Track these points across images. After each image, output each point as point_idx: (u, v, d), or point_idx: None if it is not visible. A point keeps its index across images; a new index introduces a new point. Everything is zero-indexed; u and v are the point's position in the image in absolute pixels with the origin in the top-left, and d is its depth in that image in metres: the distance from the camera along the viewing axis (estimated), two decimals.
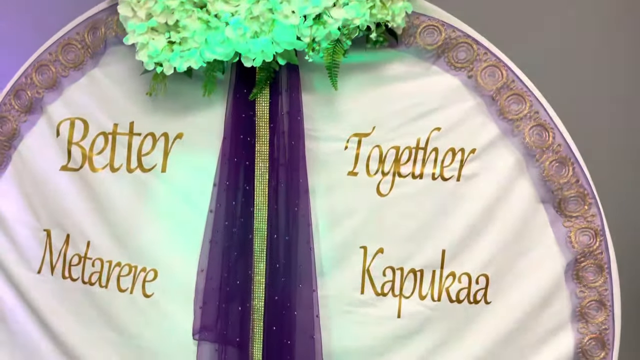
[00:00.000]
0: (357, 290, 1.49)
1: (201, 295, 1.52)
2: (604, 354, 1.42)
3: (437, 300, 1.46)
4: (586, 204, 1.39)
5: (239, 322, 1.51)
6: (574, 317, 1.43)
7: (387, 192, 1.47)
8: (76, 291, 1.57)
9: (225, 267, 1.50)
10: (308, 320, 1.48)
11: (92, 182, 1.54)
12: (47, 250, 1.58)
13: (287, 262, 1.48)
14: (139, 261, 1.54)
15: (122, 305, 1.55)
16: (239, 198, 1.49)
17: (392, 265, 1.48)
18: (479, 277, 1.44)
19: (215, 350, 1.52)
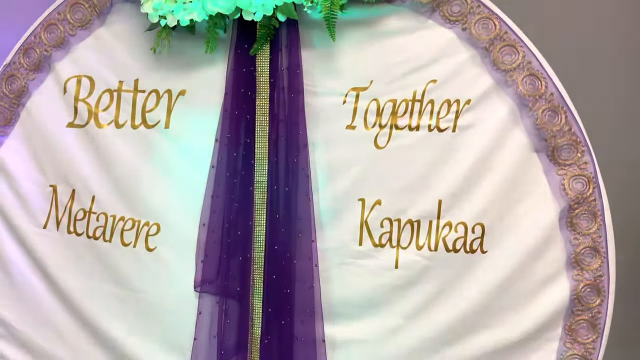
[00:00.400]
0: (355, 241, 1.52)
1: (203, 249, 1.55)
2: (600, 300, 1.44)
3: (434, 250, 1.49)
4: (579, 151, 1.41)
5: (239, 274, 1.54)
6: (569, 264, 1.45)
7: (384, 145, 1.50)
8: (81, 245, 1.61)
9: (226, 219, 1.54)
10: (307, 270, 1.51)
11: (97, 138, 1.58)
12: (53, 206, 1.62)
13: (287, 213, 1.52)
14: (142, 215, 1.58)
15: (125, 259, 1.58)
16: (240, 152, 1.53)
17: (390, 217, 1.51)
18: (475, 227, 1.47)
19: (216, 302, 1.55)
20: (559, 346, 1.47)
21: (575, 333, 1.46)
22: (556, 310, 1.46)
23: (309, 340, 1.51)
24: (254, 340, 1.52)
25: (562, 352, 1.47)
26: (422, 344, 1.51)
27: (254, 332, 1.53)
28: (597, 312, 1.44)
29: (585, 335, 1.45)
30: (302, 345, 1.51)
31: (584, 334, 1.45)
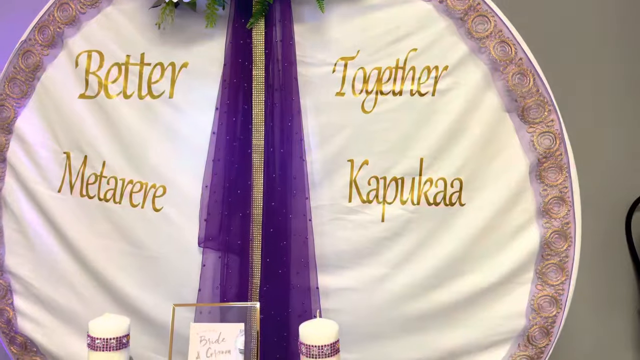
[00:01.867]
0: (345, 198, 1.66)
1: (205, 208, 1.69)
2: (567, 245, 1.58)
3: (417, 204, 1.63)
4: (546, 110, 1.56)
5: (239, 229, 1.68)
6: (539, 213, 1.60)
7: (370, 109, 1.64)
8: (93, 207, 1.74)
9: (227, 180, 1.67)
10: (302, 225, 1.65)
11: (107, 108, 1.72)
12: (67, 171, 1.75)
13: (283, 173, 1.66)
14: (149, 179, 1.71)
15: (134, 219, 1.72)
16: (239, 118, 1.67)
17: (376, 175, 1.65)
18: (453, 181, 1.62)
19: (219, 257, 1.69)
20: (531, 289, 1.62)
21: (545, 276, 1.60)
22: (527, 256, 1.61)
23: (303, 288, 1.65)
24: (254, 289, 1.66)
25: (533, 294, 1.61)
26: (407, 290, 1.65)
27: (253, 282, 1.67)
28: (565, 256, 1.59)
29: (554, 277, 1.60)
30: (297, 293, 1.65)
31: (554, 277, 1.60)
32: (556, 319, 1.60)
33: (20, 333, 1.77)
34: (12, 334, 1.77)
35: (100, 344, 1.20)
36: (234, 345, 1.23)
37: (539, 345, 1.61)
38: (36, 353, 1.78)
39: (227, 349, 1.22)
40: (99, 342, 1.20)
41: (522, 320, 1.62)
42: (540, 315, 1.61)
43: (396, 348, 1.67)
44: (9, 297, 1.78)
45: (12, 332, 1.77)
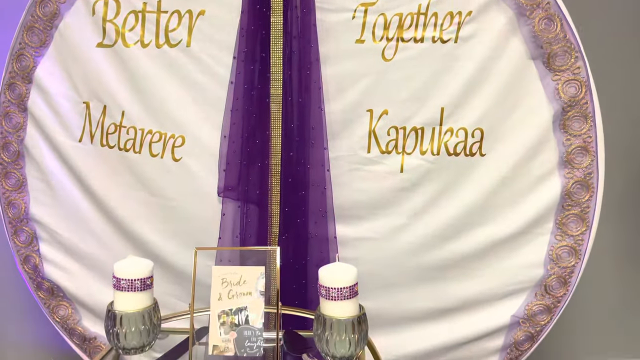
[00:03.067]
0: (364, 149, 1.65)
1: (224, 158, 1.69)
2: (589, 196, 1.56)
3: (437, 155, 1.62)
4: (573, 57, 1.51)
5: (258, 179, 1.69)
6: (561, 164, 1.57)
7: (391, 57, 1.61)
8: (113, 157, 1.75)
9: (245, 130, 1.67)
10: (320, 175, 1.65)
11: (124, 57, 1.70)
12: (87, 121, 1.76)
13: (301, 123, 1.65)
14: (168, 128, 1.71)
15: (154, 168, 1.73)
16: (257, 67, 1.65)
17: (396, 125, 1.63)
18: (474, 131, 1.59)
19: (238, 206, 1.70)
20: (550, 239, 1.61)
21: (565, 226, 1.60)
22: (547, 207, 1.60)
23: (322, 238, 1.66)
24: (273, 238, 1.68)
25: (552, 244, 1.61)
26: (424, 241, 1.66)
27: (272, 231, 1.69)
28: (586, 206, 1.57)
29: (574, 228, 1.59)
30: (315, 242, 1.66)
31: (574, 227, 1.59)
32: (575, 269, 1.60)
33: (47, 279, 1.82)
34: (38, 280, 1.83)
35: (125, 285, 1.23)
36: (255, 288, 1.25)
37: (556, 295, 1.62)
38: (62, 298, 1.84)
39: (248, 290, 1.24)
40: (124, 283, 1.23)
41: (540, 270, 1.62)
42: (558, 265, 1.61)
43: (412, 297, 1.69)
44: (34, 244, 1.83)
45: (38, 278, 1.83)
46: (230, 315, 1.24)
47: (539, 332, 1.64)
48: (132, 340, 1.23)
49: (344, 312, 1.19)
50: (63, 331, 1.86)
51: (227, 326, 1.24)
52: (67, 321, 1.84)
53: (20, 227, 1.82)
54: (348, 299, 1.19)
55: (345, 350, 1.19)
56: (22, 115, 1.79)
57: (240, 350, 1.22)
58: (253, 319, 1.24)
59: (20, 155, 1.80)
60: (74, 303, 1.84)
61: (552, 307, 1.63)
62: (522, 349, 1.67)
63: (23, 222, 1.82)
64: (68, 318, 1.84)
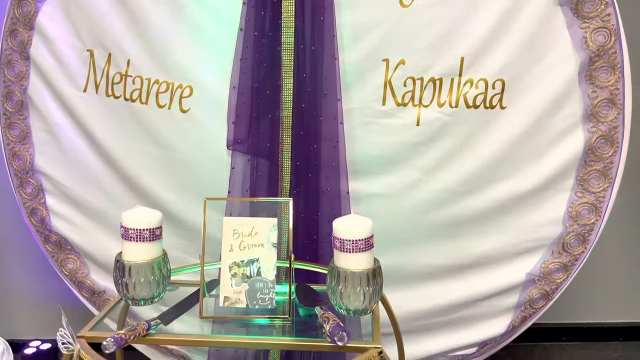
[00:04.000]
0: (378, 101, 1.59)
1: (234, 110, 1.63)
2: (613, 151, 1.50)
3: (455, 107, 1.55)
4: (602, 3, 1.43)
5: (269, 132, 1.63)
6: (585, 117, 1.51)
7: (409, 3, 1.52)
8: (119, 108, 1.70)
9: (255, 80, 1.61)
10: (332, 127, 1.59)
11: (130, 3, 1.63)
12: (91, 70, 1.70)
13: (313, 73, 1.58)
14: (175, 78, 1.65)
15: (161, 120, 1.68)
16: (267, 12, 1.57)
17: (413, 76, 1.56)
18: (495, 82, 1.52)
19: (248, 160, 1.66)
20: (570, 195, 1.56)
21: (586, 183, 1.54)
22: (569, 162, 1.54)
23: (334, 193, 1.62)
24: (284, 192, 1.64)
25: (572, 200, 1.56)
26: (439, 197, 1.61)
27: (283, 185, 1.64)
28: (609, 162, 1.52)
29: (596, 184, 1.54)
30: (327, 197, 1.62)
31: (595, 184, 1.54)
32: (594, 226, 1.56)
33: (55, 232, 1.80)
34: (46, 233, 1.81)
35: (133, 235, 1.20)
36: (267, 239, 1.22)
37: (574, 253, 1.58)
38: (71, 251, 1.82)
39: (260, 242, 1.21)
40: (132, 233, 1.20)
41: (558, 227, 1.58)
42: (577, 223, 1.56)
43: (426, 254, 1.66)
44: (41, 197, 1.80)
45: (46, 231, 1.80)
46: (241, 267, 1.21)
47: (554, 290, 1.62)
48: (142, 291, 1.21)
49: (359, 265, 1.15)
50: (72, 284, 1.85)
51: (238, 278, 1.21)
52: (75, 274, 1.83)
53: (26, 179, 1.79)
54: (363, 251, 1.15)
55: (359, 303, 1.16)
56: (25, 63, 1.73)
57: (252, 302, 1.20)
58: (265, 271, 1.21)
59: (23, 105, 1.75)
60: (82, 256, 1.83)
61: (569, 265, 1.59)
62: (536, 307, 1.64)
63: (29, 174, 1.78)
64: (76, 271, 1.83)
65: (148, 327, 1.12)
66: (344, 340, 1.06)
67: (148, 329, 1.12)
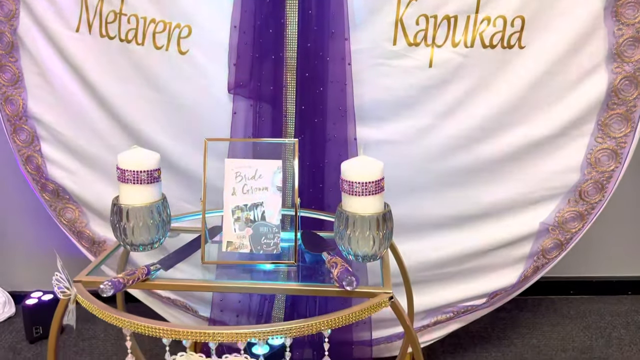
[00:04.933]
0: (389, 41, 1.49)
1: (235, 51, 1.54)
2: (637, 93, 1.42)
3: (470, 47, 1.46)
4: None
5: (272, 74, 1.54)
6: (609, 57, 1.42)
7: None
8: (114, 49, 1.61)
9: (257, 18, 1.51)
10: (340, 69, 1.50)
11: None
12: (83, 7, 1.60)
13: (320, 10, 1.48)
14: (173, 17, 1.55)
15: (159, 62, 1.58)
16: None
17: (426, 13, 1.46)
18: (514, 20, 1.42)
19: (250, 105, 1.58)
20: (589, 141, 1.49)
21: (607, 127, 1.47)
22: (590, 105, 1.46)
23: (340, 140, 1.55)
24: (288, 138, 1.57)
25: (592, 147, 1.49)
26: (452, 143, 1.54)
27: (287, 131, 1.57)
28: (632, 105, 1.43)
29: (617, 129, 1.46)
30: (334, 144, 1.55)
31: (617, 129, 1.46)
32: (613, 173, 1.49)
33: (51, 180, 1.74)
34: (42, 181, 1.75)
35: (130, 177, 1.14)
36: (272, 183, 1.16)
37: (591, 201, 1.52)
38: (69, 200, 1.77)
39: (264, 186, 1.15)
40: (128, 175, 1.13)
41: (575, 175, 1.51)
42: (596, 170, 1.49)
43: (437, 203, 1.60)
44: (36, 144, 1.73)
45: (42, 179, 1.74)
46: (245, 211, 1.15)
47: (568, 240, 1.56)
48: (140, 236, 1.15)
49: (369, 209, 1.10)
50: (71, 234, 1.81)
51: (242, 222, 1.15)
52: (74, 224, 1.78)
53: (20, 125, 1.72)
54: (373, 194, 1.09)
55: (368, 248, 1.11)
56: (14, 2, 1.62)
57: (256, 247, 1.15)
58: (269, 216, 1.15)
59: (14, 46, 1.66)
60: (80, 206, 1.77)
61: (585, 214, 1.53)
62: (549, 257, 1.59)
63: (22, 119, 1.71)
64: (75, 221, 1.78)
65: (147, 272, 1.07)
66: (352, 284, 1.01)
67: (147, 273, 1.07)
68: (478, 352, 1.88)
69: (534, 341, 1.94)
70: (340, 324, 0.94)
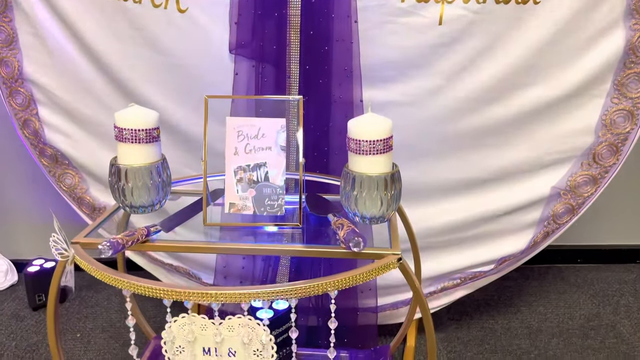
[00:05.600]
0: None
1: (236, 8, 1.47)
2: None
3: (482, 3, 1.39)
4: None
5: (275, 33, 1.48)
6: (627, 13, 1.35)
7: None
8: (110, 7, 1.53)
9: None
10: (346, 28, 1.44)
11: None
12: None
13: None
14: None
15: (156, 21, 1.52)
16: None
17: None
18: None
19: (252, 65, 1.52)
20: (604, 102, 1.43)
21: (624, 87, 1.41)
22: (607, 64, 1.40)
23: (346, 101, 1.49)
24: None
25: (607, 107, 1.43)
26: (461, 105, 1.48)
27: (291, 93, 1.51)
28: None
29: (634, 89, 1.40)
30: (339, 106, 1.49)
31: (634, 88, 1.40)
32: (629, 135, 1.44)
33: (49, 144, 1.70)
34: (40, 146, 1.71)
35: (128, 135, 1.09)
36: (275, 142, 1.11)
37: (605, 165, 1.47)
38: (68, 166, 1.73)
39: (268, 145, 1.11)
40: (126, 133, 1.09)
41: (589, 137, 1.46)
42: (611, 132, 1.44)
43: (445, 167, 1.55)
44: (33, 108, 1.68)
45: (40, 144, 1.70)
46: (248, 172, 1.11)
47: (580, 205, 1.52)
48: (140, 198, 1.12)
49: (376, 168, 1.05)
50: (71, 200, 1.78)
51: (244, 183, 1.11)
52: (74, 190, 1.75)
53: (16, 88, 1.66)
54: (381, 153, 1.05)
55: (376, 210, 1.07)
56: None
57: (259, 209, 1.11)
58: (273, 176, 1.11)
59: (7, 5, 1.59)
60: (80, 171, 1.74)
61: (598, 177, 1.49)
62: (560, 222, 1.56)
63: (18, 82, 1.66)
64: (75, 187, 1.75)
65: (147, 233, 1.04)
66: (359, 246, 0.97)
67: (147, 235, 1.04)
68: (484, 319, 1.86)
69: (540, 308, 1.93)
70: (347, 284, 0.91)
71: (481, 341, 1.76)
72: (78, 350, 1.75)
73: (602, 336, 1.77)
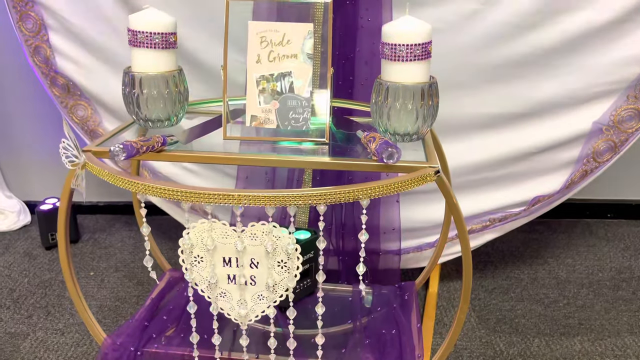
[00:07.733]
0: None
1: None
2: None
3: None
4: None
5: None
6: None
7: None
8: None
9: None
10: None
11: None
12: None
13: None
14: None
15: None
16: None
17: None
18: None
19: None
20: None
21: None
22: None
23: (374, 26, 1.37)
24: None
25: None
26: (500, 31, 1.37)
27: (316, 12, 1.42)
28: None
29: None
30: (367, 31, 1.38)
31: None
32: None
33: (61, 73, 1.62)
34: (52, 74, 1.63)
35: (142, 39, 1.01)
36: (301, 50, 1.02)
37: None
38: (80, 96, 1.66)
39: (293, 53, 1.02)
40: (141, 37, 1.01)
41: (637, 67, 1.35)
42: None
43: (479, 100, 1.45)
44: (43, 34, 1.60)
45: (51, 72, 1.63)
46: (271, 82, 1.02)
47: (623, 142, 1.42)
48: (155, 109, 1.04)
49: (414, 77, 0.96)
50: (84, 133, 1.71)
51: (267, 94, 1.03)
52: (87, 122, 1.68)
53: (26, 11, 1.58)
54: (419, 59, 0.95)
55: (410, 124, 0.98)
56: None
57: (283, 122, 1.03)
58: (299, 87, 1.02)
59: None
60: (92, 102, 1.66)
61: None
62: (600, 161, 1.46)
63: (28, 5, 1.57)
64: (88, 119, 1.68)
65: (163, 141, 0.96)
66: (394, 157, 0.89)
67: (163, 143, 0.96)
68: (509, 270, 1.78)
69: (568, 260, 1.84)
70: (381, 193, 0.83)
71: (507, 290, 1.68)
72: (91, 287, 1.70)
73: (634, 288, 1.69)
